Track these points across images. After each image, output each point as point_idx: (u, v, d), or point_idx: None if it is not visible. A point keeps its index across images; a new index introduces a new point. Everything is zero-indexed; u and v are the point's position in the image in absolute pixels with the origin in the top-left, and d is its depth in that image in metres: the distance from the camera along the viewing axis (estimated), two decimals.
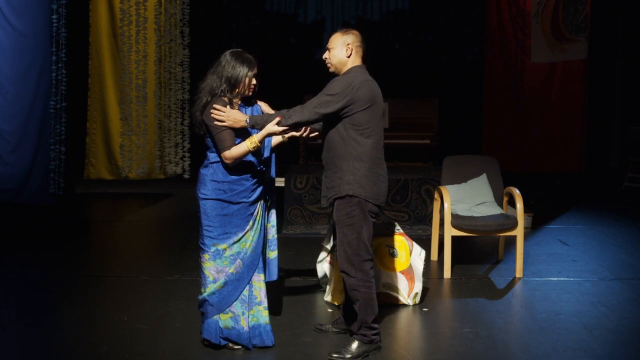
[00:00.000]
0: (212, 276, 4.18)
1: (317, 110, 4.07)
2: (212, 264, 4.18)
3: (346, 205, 4.15)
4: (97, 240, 7.20)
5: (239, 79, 4.13)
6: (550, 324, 4.74)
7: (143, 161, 9.65)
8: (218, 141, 4.08)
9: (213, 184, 4.14)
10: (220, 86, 4.11)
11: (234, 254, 4.18)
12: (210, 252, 4.17)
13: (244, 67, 4.15)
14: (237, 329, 4.21)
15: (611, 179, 10.29)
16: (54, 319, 4.80)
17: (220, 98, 4.12)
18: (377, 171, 4.17)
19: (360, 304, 4.19)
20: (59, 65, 7.33)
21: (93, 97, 9.73)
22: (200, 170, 4.23)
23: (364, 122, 4.11)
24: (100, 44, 9.64)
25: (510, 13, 10.03)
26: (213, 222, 4.14)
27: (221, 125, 4.06)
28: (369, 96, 4.12)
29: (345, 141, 4.12)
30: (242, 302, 4.22)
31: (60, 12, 7.28)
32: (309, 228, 7.42)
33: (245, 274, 4.21)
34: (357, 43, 4.23)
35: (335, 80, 4.16)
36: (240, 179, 4.16)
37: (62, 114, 7.39)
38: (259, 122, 4.11)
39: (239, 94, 4.19)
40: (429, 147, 9.37)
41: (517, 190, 5.87)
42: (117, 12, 9.50)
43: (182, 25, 9.70)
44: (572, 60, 9.82)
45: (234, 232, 4.17)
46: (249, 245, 4.20)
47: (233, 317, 4.20)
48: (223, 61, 4.15)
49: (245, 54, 4.23)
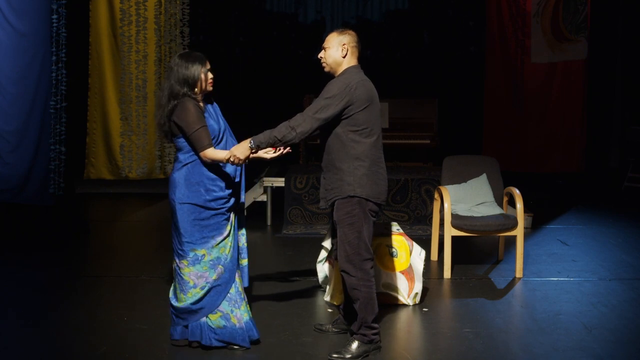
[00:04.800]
0: (192, 281, 4.18)
1: (318, 116, 4.06)
2: (191, 269, 4.17)
3: (347, 204, 4.15)
4: (97, 240, 7.20)
5: (196, 77, 4.13)
6: (550, 324, 4.74)
7: (143, 161, 9.64)
8: (195, 140, 4.06)
9: (189, 186, 4.12)
10: (182, 89, 4.10)
11: (213, 259, 4.17)
12: (189, 258, 4.16)
13: (197, 64, 4.14)
14: (228, 327, 4.21)
15: (611, 179, 10.29)
16: (54, 319, 4.81)
17: (188, 99, 4.10)
18: (376, 170, 4.18)
19: (360, 303, 4.19)
20: (59, 65, 7.33)
21: (93, 97, 9.72)
22: (173, 174, 4.19)
23: (362, 122, 4.11)
24: (100, 44, 9.63)
25: (510, 13, 10.02)
26: (190, 226, 4.13)
27: (231, 158, 4.05)
28: (367, 96, 4.12)
29: (344, 142, 4.12)
30: (229, 301, 4.22)
31: (60, 12, 7.28)
32: (309, 228, 7.42)
33: (228, 279, 4.22)
34: (353, 43, 4.23)
35: (331, 83, 4.16)
36: (216, 180, 4.15)
37: (62, 114, 7.39)
38: (263, 141, 4.06)
39: (202, 91, 4.18)
40: (429, 147, 9.36)
41: (517, 190, 5.87)
42: (117, 12, 9.49)
43: (182, 25, 9.69)
44: (572, 60, 9.81)
45: (211, 237, 4.16)
46: (228, 251, 4.21)
47: (222, 316, 4.21)
48: (174, 66, 4.14)
49: (193, 52, 4.25)
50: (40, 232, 7.16)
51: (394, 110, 9.30)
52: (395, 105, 9.38)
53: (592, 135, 10.24)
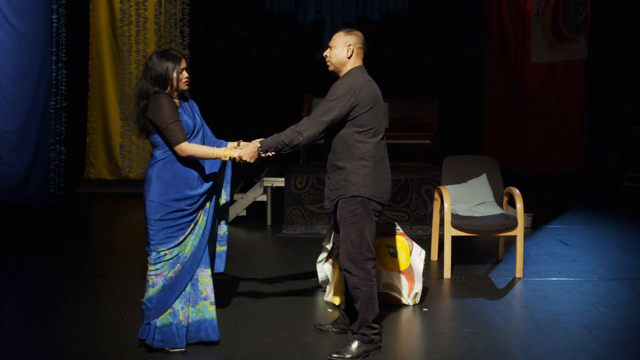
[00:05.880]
0: (151, 280, 4.17)
1: (324, 119, 4.08)
2: (152, 267, 4.17)
3: (350, 203, 4.17)
4: (97, 240, 7.20)
5: (167, 75, 4.11)
6: (550, 324, 4.74)
7: (143, 161, 9.64)
8: (168, 135, 4.05)
9: (160, 184, 4.11)
10: (153, 87, 4.09)
11: (173, 258, 4.16)
12: (152, 257, 4.16)
13: (169, 62, 4.12)
14: (174, 324, 4.18)
15: (611, 179, 10.29)
16: (54, 319, 4.80)
17: (161, 95, 4.08)
18: (380, 170, 4.19)
19: (361, 303, 4.19)
20: (59, 65, 7.33)
21: (93, 97, 9.71)
22: (147, 171, 4.20)
23: (367, 123, 4.13)
24: (100, 44, 9.63)
25: (510, 13, 10.02)
26: (156, 225, 4.12)
27: (240, 158, 4.09)
28: (371, 97, 4.14)
29: (349, 142, 4.14)
30: (181, 298, 4.20)
31: (60, 12, 7.28)
32: (309, 228, 7.42)
33: (183, 277, 4.20)
34: (359, 45, 4.24)
35: (336, 86, 4.17)
36: (187, 179, 4.13)
37: (62, 114, 7.39)
38: (271, 145, 4.10)
39: (175, 90, 4.16)
40: (429, 147, 9.36)
41: (517, 190, 5.87)
42: (117, 12, 9.49)
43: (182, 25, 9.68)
44: (572, 60, 9.81)
45: (175, 236, 4.15)
46: (188, 250, 4.19)
47: (172, 312, 4.19)
48: (149, 64, 4.14)
49: (169, 50, 4.23)
50: (40, 232, 7.16)
51: (394, 110, 9.30)
52: (395, 105, 9.38)
53: (592, 135, 10.24)
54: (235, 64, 11.31)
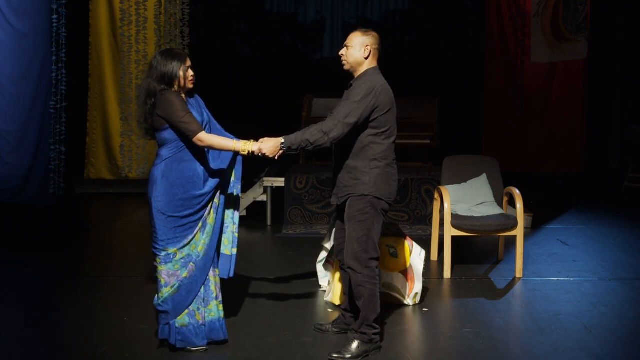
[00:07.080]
0: (163, 280, 4.16)
1: (349, 121, 4.08)
2: (163, 267, 4.16)
3: (360, 202, 4.18)
4: (97, 240, 7.20)
5: (174, 74, 4.11)
6: (550, 324, 4.74)
7: (143, 161, 9.64)
8: (184, 126, 4.02)
9: (166, 183, 4.09)
10: (159, 86, 4.09)
11: (184, 257, 4.15)
12: (161, 256, 4.15)
13: (175, 61, 4.12)
14: (192, 324, 4.19)
15: (611, 179, 10.29)
16: (54, 319, 4.80)
17: (168, 91, 4.08)
18: (390, 170, 4.25)
19: (364, 301, 4.20)
20: (59, 65, 7.32)
21: (93, 97, 9.71)
22: (152, 170, 4.17)
23: (384, 125, 4.18)
24: (100, 44, 9.63)
25: (510, 13, 10.02)
26: (163, 225, 4.11)
27: (260, 152, 4.06)
28: (389, 99, 4.22)
29: (364, 143, 4.18)
30: (197, 299, 4.21)
31: (60, 12, 7.27)
32: (309, 228, 7.42)
33: (199, 277, 4.20)
34: (376, 45, 4.29)
35: (356, 87, 4.18)
36: (194, 177, 4.12)
37: (62, 114, 7.38)
38: (294, 143, 4.07)
39: (181, 89, 4.17)
40: (429, 147, 9.36)
41: (517, 190, 5.87)
42: (117, 12, 9.48)
43: (182, 25, 9.68)
44: (572, 60, 9.81)
45: (183, 236, 4.14)
46: (200, 249, 4.19)
47: (188, 313, 4.19)
48: (154, 63, 4.13)
49: (174, 50, 4.24)
50: (40, 232, 7.15)
51: None
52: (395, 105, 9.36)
53: (592, 135, 10.24)
54: (235, 64, 11.31)
